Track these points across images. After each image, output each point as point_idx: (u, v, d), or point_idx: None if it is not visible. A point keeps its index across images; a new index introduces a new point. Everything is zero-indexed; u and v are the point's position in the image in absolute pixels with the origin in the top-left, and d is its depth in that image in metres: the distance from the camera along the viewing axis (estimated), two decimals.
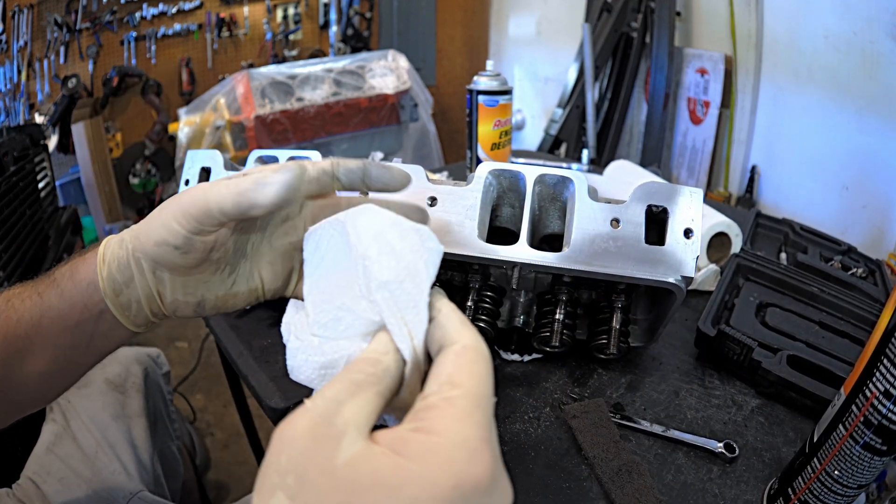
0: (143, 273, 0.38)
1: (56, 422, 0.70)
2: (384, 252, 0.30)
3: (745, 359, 0.55)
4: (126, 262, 0.38)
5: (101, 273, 0.38)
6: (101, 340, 0.40)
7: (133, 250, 0.37)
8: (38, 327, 0.38)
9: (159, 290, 0.39)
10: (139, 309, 0.39)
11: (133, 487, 0.66)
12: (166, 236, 0.36)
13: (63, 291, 0.38)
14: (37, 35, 2.04)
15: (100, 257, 0.38)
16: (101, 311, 0.39)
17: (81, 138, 2.09)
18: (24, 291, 0.39)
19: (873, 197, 1.49)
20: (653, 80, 1.95)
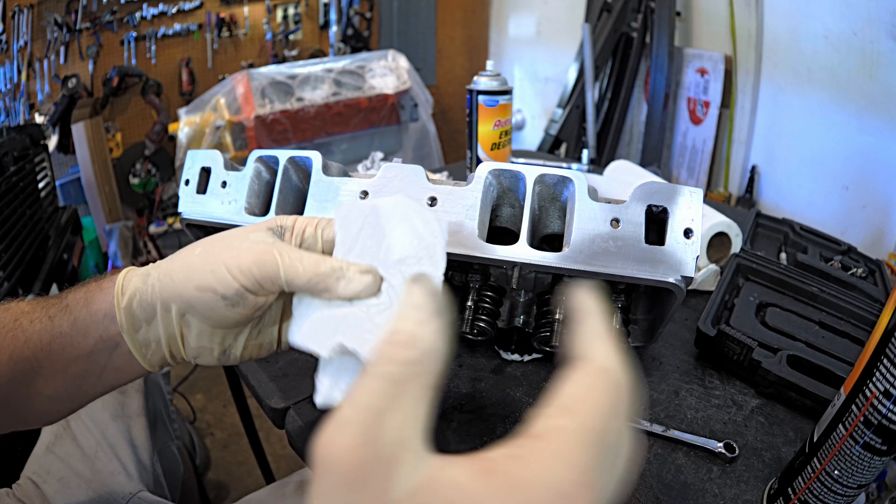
0: (168, 314, 0.37)
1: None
2: (407, 233, 0.33)
3: (745, 359, 0.55)
4: (150, 299, 0.37)
5: (119, 306, 0.37)
6: (112, 373, 0.39)
7: (162, 290, 0.36)
8: (47, 352, 0.37)
9: (183, 335, 0.38)
10: (157, 349, 0.38)
11: (133, 487, 0.66)
12: (214, 284, 0.35)
13: (76, 319, 0.37)
14: (37, 35, 2.04)
15: (118, 288, 0.37)
16: (116, 345, 0.38)
17: (81, 138, 2.09)
18: (33, 311, 0.38)
19: (873, 197, 1.49)
20: (653, 80, 1.95)
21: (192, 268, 0.36)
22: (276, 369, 0.57)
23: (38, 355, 0.37)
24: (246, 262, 0.35)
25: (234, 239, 0.36)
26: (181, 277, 0.36)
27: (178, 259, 0.37)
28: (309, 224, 0.39)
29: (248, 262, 0.35)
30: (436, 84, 2.81)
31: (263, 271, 0.35)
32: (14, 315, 0.38)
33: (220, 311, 0.36)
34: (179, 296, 0.36)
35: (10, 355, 0.37)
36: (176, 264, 0.37)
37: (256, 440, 1.14)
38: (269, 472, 1.20)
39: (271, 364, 0.58)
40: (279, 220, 0.39)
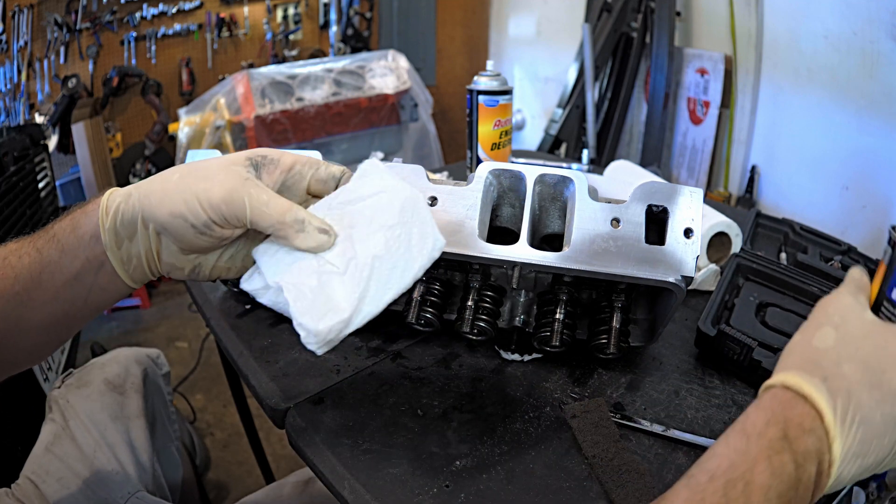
0: (146, 230, 0.39)
1: (55, 422, 0.70)
2: (399, 237, 0.38)
3: (745, 359, 0.55)
4: (131, 217, 0.39)
5: (104, 225, 0.38)
6: (98, 294, 0.41)
7: (141, 209, 0.38)
8: (37, 282, 0.39)
9: (158, 251, 0.40)
10: (139, 264, 0.40)
11: (131, 487, 0.66)
12: (185, 212, 0.37)
13: (64, 246, 0.39)
14: (37, 35, 2.04)
15: (102, 209, 0.39)
16: (101, 264, 0.39)
17: (81, 138, 2.09)
18: (20, 248, 0.39)
19: (873, 197, 1.49)
20: (653, 80, 1.95)
21: (167, 192, 0.38)
22: (276, 369, 0.57)
23: (27, 287, 0.38)
24: (216, 198, 0.37)
25: (211, 169, 0.38)
26: (157, 200, 0.38)
27: (158, 181, 0.39)
28: (298, 161, 0.42)
29: (217, 198, 0.37)
30: (436, 84, 2.81)
31: (231, 209, 0.37)
32: (2, 255, 0.39)
33: (189, 238, 0.38)
34: (154, 217, 0.38)
35: (1, 294, 0.38)
36: (155, 185, 0.39)
37: (256, 440, 1.14)
38: (269, 472, 1.20)
39: (271, 364, 0.58)
40: (264, 151, 0.41)
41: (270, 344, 0.61)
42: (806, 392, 0.30)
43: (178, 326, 2.02)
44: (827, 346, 0.32)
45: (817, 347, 0.32)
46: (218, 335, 0.64)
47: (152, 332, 2.00)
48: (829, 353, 0.32)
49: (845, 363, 0.31)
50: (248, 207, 0.37)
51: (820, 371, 0.31)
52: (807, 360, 0.32)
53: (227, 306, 0.68)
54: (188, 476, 0.96)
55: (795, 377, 0.31)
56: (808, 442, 0.29)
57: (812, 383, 0.30)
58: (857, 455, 0.30)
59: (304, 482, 0.72)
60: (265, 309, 0.66)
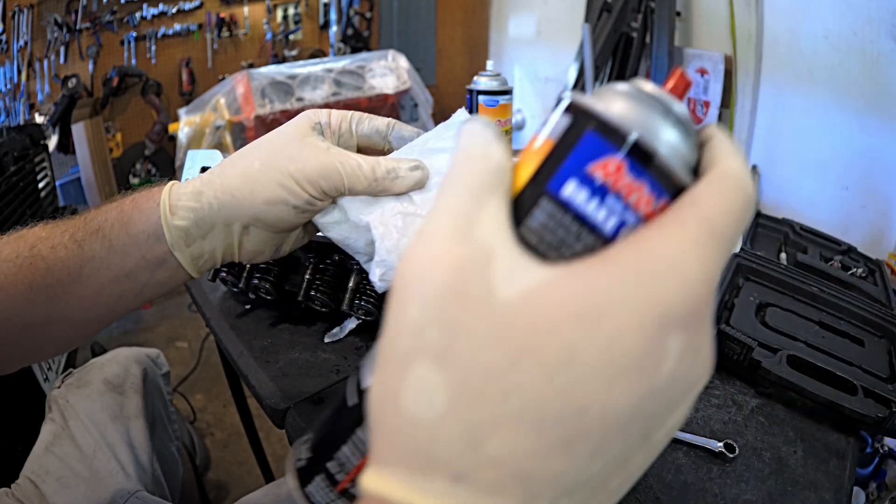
0: (229, 227, 0.38)
1: (55, 421, 0.70)
2: None
3: (745, 359, 0.55)
4: (208, 218, 0.38)
5: (169, 224, 0.37)
6: (154, 288, 0.40)
7: (222, 208, 0.37)
8: (76, 277, 0.37)
9: (241, 243, 0.40)
10: (210, 257, 0.40)
11: (131, 487, 0.66)
12: (286, 196, 0.37)
13: (112, 242, 0.37)
14: (37, 35, 2.03)
15: (165, 209, 0.37)
16: (162, 262, 0.38)
17: (81, 138, 2.09)
18: (51, 237, 0.38)
19: (873, 197, 1.49)
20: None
21: (256, 183, 0.37)
22: (276, 369, 0.57)
23: (63, 281, 0.37)
24: (313, 175, 0.37)
25: (291, 147, 0.38)
26: (245, 193, 0.37)
27: (236, 174, 0.38)
28: (343, 119, 0.42)
29: (314, 174, 0.37)
30: (436, 84, 2.81)
31: (329, 182, 0.37)
32: (30, 243, 0.37)
33: (289, 219, 0.38)
34: (245, 211, 0.38)
35: (29, 284, 0.36)
36: (235, 181, 0.38)
37: (256, 440, 1.14)
38: (269, 472, 1.20)
39: (271, 364, 0.58)
40: (316, 115, 0.41)
41: (270, 344, 0.61)
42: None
43: (178, 326, 2.01)
44: (431, 416, 0.16)
45: (415, 420, 0.16)
46: (218, 335, 0.64)
47: (152, 332, 2.00)
48: (441, 428, 0.16)
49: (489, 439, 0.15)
50: (344, 175, 0.37)
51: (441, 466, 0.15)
52: (405, 446, 0.16)
53: (227, 306, 0.68)
54: (188, 476, 0.96)
55: (391, 483, 0.16)
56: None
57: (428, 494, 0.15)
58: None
59: None
60: (265, 309, 0.67)
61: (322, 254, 0.60)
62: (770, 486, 0.45)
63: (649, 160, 0.17)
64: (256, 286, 0.61)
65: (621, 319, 0.15)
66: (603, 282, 0.16)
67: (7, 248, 0.37)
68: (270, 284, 0.61)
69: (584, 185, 0.17)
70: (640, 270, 0.16)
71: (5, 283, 0.36)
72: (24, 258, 0.37)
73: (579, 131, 0.18)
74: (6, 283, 0.36)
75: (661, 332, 0.15)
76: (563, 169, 0.17)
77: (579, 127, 0.18)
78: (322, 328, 0.63)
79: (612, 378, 0.15)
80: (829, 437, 0.50)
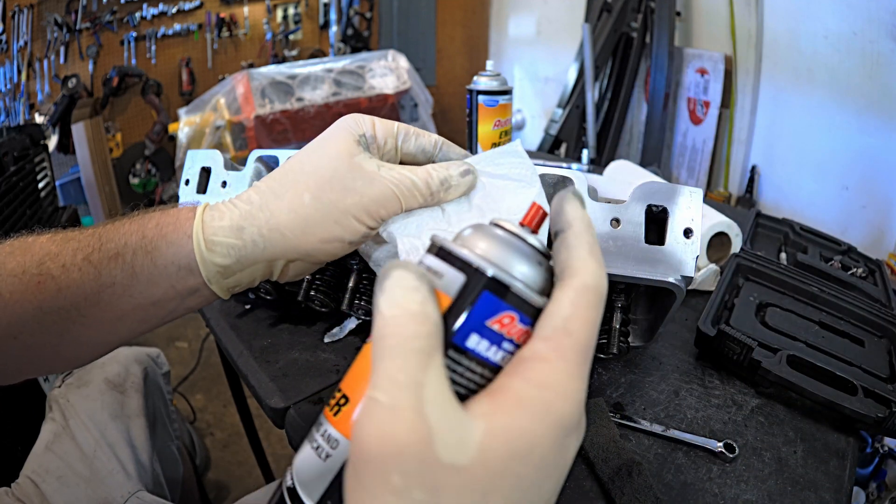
0: (273, 262, 0.37)
1: (55, 421, 0.70)
2: None
3: (745, 359, 0.55)
4: (251, 256, 0.36)
5: (206, 261, 0.35)
6: (182, 312, 0.38)
7: (268, 247, 0.35)
8: (94, 301, 0.35)
9: (284, 271, 0.38)
10: (245, 285, 0.38)
11: (131, 487, 0.66)
12: (342, 234, 0.35)
13: (136, 270, 0.35)
14: (37, 35, 2.04)
15: (200, 244, 0.35)
16: (194, 291, 0.37)
17: (81, 138, 2.09)
18: (61, 254, 0.35)
19: (873, 197, 1.49)
20: (653, 80, 1.94)
21: (308, 221, 0.35)
22: (276, 369, 0.57)
23: (79, 304, 0.34)
24: (373, 207, 0.35)
25: (342, 174, 0.35)
26: (298, 233, 0.35)
27: (283, 209, 0.35)
28: (389, 134, 0.39)
29: (373, 206, 0.35)
30: (436, 84, 2.81)
31: (388, 210, 0.35)
32: (37, 258, 0.35)
33: (343, 254, 0.37)
34: (295, 250, 0.36)
35: (38, 305, 0.34)
36: (283, 218, 0.35)
37: (256, 440, 1.14)
38: (269, 472, 1.20)
39: (271, 364, 0.58)
40: (358, 125, 0.37)
41: (270, 344, 0.61)
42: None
43: (178, 326, 2.01)
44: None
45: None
46: (218, 335, 0.64)
47: (152, 331, 2.00)
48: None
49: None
50: (402, 199, 0.35)
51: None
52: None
53: (227, 306, 0.68)
54: (188, 476, 0.96)
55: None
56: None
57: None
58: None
59: None
60: (265, 309, 0.67)
61: None
62: (770, 486, 0.45)
63: (529, 306, 0.22)
64: (256, 286, 0.61)
65: (545, 445, 0.21)
66: (524, 423, 0.20)
67: (12, 262, 0.35)
68: (270, 284, 0.61)
69: (484, 337, 0.22)
70: (546, 403, 0.21)
71: (11, 301, 0.33)
72: (32, 275, 0.34)
73: (475, 291, 0.22)
74: (11, 301, 0.33)
75: (566, 439, 0.21)
76: (465, 325, 0.22)
77: (474, 286, 0.22)
78: (322, 328, 0.63)
79: (545, 479, 0.21)
80: (829, 437, 0.50)
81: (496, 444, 0.20)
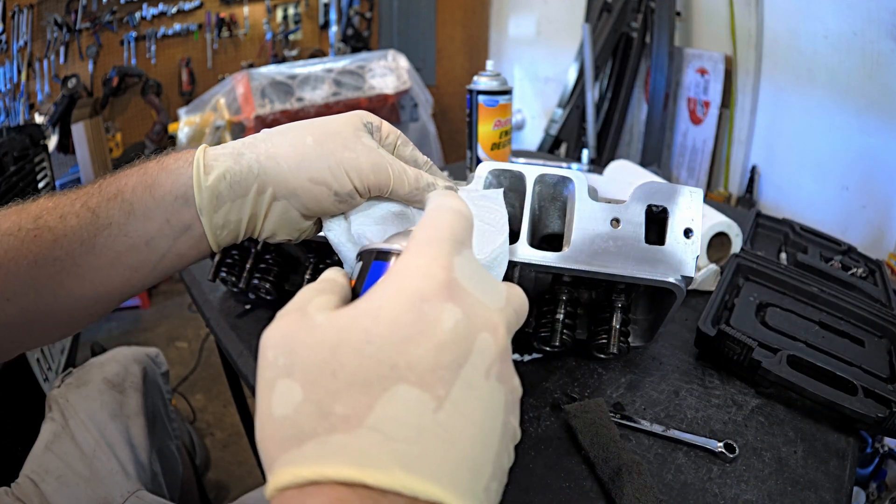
0: (261, 195, 0.37)
1: (55, 420, 0.70)
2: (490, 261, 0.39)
3: (745, 359, 0.55)
4: (245, 180, 0.36)
5: (202, 184, 0.35)
6: (172, 260, 0.37)
7: (262, 172, 0.36)
8: (89, 247, 0.34)
9: (267, 216, 0.38)
10: (234, 229, 0.38)
11: (131, 486, 0.66)
12: (330, 180, 0.36)
13: (134, 207, 0.35)
14: (37, 35, 2.03)
15: (198, 166, 0.35)
16: (186, 228, 0.36)
17: (81, 138, 2.09)
18: (59, 206, 0.34)
19: (873, 197, 1.49)
20: (653, 80, 1.94)
21: (305, 158, 0.36)
22: None
23: (73, 253, 0.34)
24: (365, 168, 0.36)
25: (347, 138, 0.37)
26: (291, 165, 0.36)
27: (285, 144, 0.37)
28: (392, 132, 0.42)
29: (367, 168, 0.36)
30: (436, 84, 2.81)
31: (378, 179, 0.37)
32: (33, 214, 0.34)
33: (325, 205, 0.37)
34: (285, 183, 0.36)
35: (34, 259, 0.33)
36: (283, 149, 0.36)
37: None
38: None
39: None
40: (368, 116, 0.40)
41: None
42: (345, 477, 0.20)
43: (178, 326, 2.02)
44: (294, 406, 0.22)
45: (284, 415, 0.22)
46: (218, 335, 0.64)
47: (152, 332, 2.00)
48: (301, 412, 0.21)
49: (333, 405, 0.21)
50: (392, 177, 0.37)
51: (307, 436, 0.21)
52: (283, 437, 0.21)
53: (227, 306, 0.68)
54: (188, 476, 0.96)
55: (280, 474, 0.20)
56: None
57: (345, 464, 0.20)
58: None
59: None
60: (265, 309, 0.67)
61: (322, 254, 0.60)
62: (770, 486, 0.45)
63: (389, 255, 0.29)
64: (256, 286, 0.62)
65: (394, 306, 0.22)
66: (375, 292, 0.24)
67: (7, 222, 0.34)
68: (270, 284, 0.61)
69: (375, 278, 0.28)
70: (395, 275, 0.24)
71: (5, 259, 0.33)
72: (28, 230, 0.33)
73: (368, 262, 0.30)
74: (6, 259, 0.33)
75: (423, 304, 0.23)
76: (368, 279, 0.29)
77: (367, 260, 0.30)
78: None
79: (406, 339, 0.22)
80: (829, 437, 0.50)
81: (348, 308, 0.23)
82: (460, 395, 0.22)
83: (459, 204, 0.28)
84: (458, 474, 0.21)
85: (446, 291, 0.23)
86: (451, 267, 0.24)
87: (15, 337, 0.36)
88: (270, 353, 0.23)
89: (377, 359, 0.21)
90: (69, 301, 0.36)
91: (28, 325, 0.36)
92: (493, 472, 0.22)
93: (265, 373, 0.23)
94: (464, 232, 0.27)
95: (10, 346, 0.37)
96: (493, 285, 0.26)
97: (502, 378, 0.24)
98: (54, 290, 0.35)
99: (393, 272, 0.24)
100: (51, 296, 0.35)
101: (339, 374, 0.21)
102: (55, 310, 0.36)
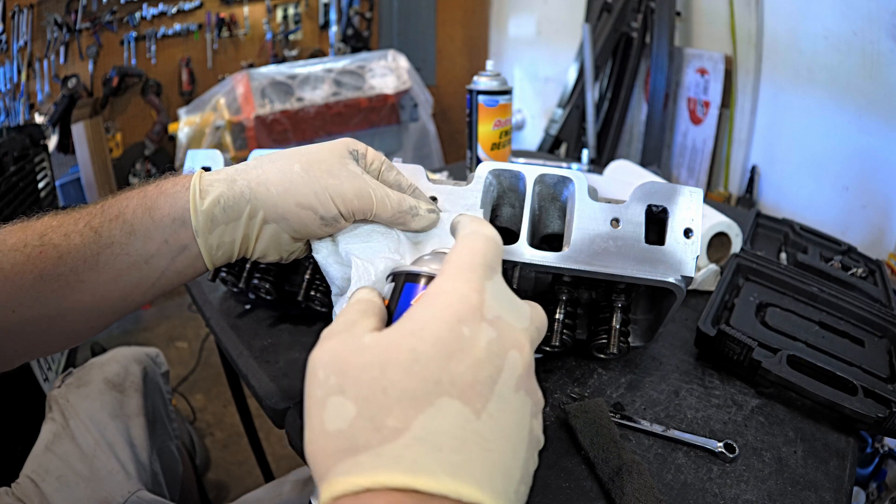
0: (252, 220, 0.39)
1: (55, 420, 0.70)
2: None
3: (745, 359, 0.55)
4: (237, 205, 0.38)
5: (198, 208, 0.38)
6: (171, 277, 0.40)
7: (254, 198, 0.38)
8: (92, 264, 0.37)
9: (258, 237, 0.40)
10: (228, 249, 0.40)
11: (131, 486, 0.66)
12: (316, 205, 0.39)
13: (135, 227, 0.37)
14: (37, 35, 2.03)
15: (194, 192, 0.38)
16: (183, 248, 0.39)
17: (81, 138, 2.09)
18: (63, 225, 0.37)
19: (873, 197, 1.49)
20: (653, 80, 1.94)
21: (293, 183, 0.38)
22: (277, 369, 0.57)
23: (77, 269, 0.36)
24: (349, 194, 0.39)
25: (332, 165, 0.40)
26: (280, 190, 0.38)
27: (274, 171, 0.39)
28: (377, 158, 0.44)
29: (350, 194, 0.39)
30: (436, 84, 2.81)
31: (361, 204, 0.39)
32: (39, 231, 0.36)
33: (310, 227, 0.40)
34: (274, 207, 0.39)
35: (39, 274, 0.35)
36: (272, 176, 0.39)
37: (256, 440, 1.14)
38: (269, 472, 1.20)
39: (271, 364, 0.58)
40: (354, 144, 0.43)
41: (270, 344, 0.61)
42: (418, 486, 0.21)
43: (178, 326, 2.02)
44: (348, 421, 0.23)
45: (337, 430, 0.23)
46: (218, 335, 0.64)
47: (152, 332, 2.00)
48: (355, 426, 0.23)
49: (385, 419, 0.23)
50: (375, 202, 0.39)
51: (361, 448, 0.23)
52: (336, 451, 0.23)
53: (227, 306, 0.68)
54: (188, 476, 0.96)
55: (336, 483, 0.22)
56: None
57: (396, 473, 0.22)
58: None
59: (304, 481, 0.72)
60: (265, 309, 0.67)
61: None
62: (770, 486, 0.45)
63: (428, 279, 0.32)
64: (256, 286, 0.62)
65: (435, 326, 0.25)
66: (416, 312, 0.26)
67: (13, 238, 0.36)
68: (270, 284, 0.61)
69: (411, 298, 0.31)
70: (433, 297, 0.26)
71: (11, 273, 0.35)
72: (34, 247, 0.35)
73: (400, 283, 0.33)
74: (12, 273, 0.35)
75: (459, 325, 0.25)
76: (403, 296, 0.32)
77: (399, 282, 0.33)
78: (322, 328, 0.62)
79: (447, 357, 0.24)
80: (829, 437, 0.50)
81: (393, 329, 0.25)
82: (495, 408, 0.24)
83: (491, 231, 0.30)
84: (494, 479, 0.23)
85: (480, 313, 0.26)
86: (484, 290, 0.27)
87: (18, 346, 0.38)
88: (321, 373, 0.25)
89: (423, 376, 0.23)
90: (72, 314, 0.38)
91: (31, 336, 0.38)
92: (521, 476, 0.24)
93: (316, 391, 0.25)
94: (495, 258, 0.29)
95: (13, 355, 0.39)
96: (518, 306, 0.29)
97: (529, 391, 0.26)
98: (58, 303, 0.37)
99: (431, 295, 0.26)
100: (54, 308, 0.37)
101: (389, 390, 0.23)
102: (58, 322, 0.38)
